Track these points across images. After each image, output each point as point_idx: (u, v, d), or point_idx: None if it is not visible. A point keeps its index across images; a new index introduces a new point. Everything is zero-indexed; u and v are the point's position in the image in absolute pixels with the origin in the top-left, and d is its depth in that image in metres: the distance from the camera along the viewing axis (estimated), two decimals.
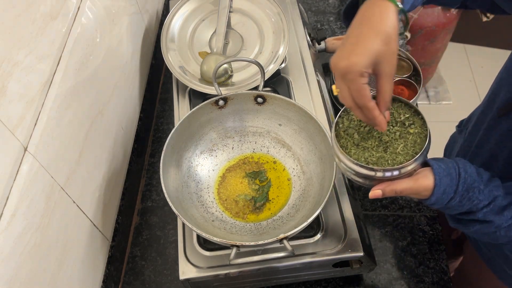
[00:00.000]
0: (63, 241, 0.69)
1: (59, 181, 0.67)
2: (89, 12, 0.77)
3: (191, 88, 0.93)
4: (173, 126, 0.80)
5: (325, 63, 1.11)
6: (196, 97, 0.94)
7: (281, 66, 0.95)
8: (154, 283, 0.87)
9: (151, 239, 0.92)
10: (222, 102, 0.84)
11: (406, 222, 0.91)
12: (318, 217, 0.78)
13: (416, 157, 0.59)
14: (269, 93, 0.84)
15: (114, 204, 0.89)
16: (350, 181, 0.83)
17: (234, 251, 0.67)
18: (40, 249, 0.62)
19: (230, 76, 0.95)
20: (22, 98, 0.59)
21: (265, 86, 0.93)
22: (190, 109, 0.86)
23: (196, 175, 0.85)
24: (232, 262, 0.66)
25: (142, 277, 0.88)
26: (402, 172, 0.60)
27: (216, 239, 0.67)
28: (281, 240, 0.67)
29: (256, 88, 0.85)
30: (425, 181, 0.59)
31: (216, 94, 0.83)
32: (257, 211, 0.81)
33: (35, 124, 0.62)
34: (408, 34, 1.86)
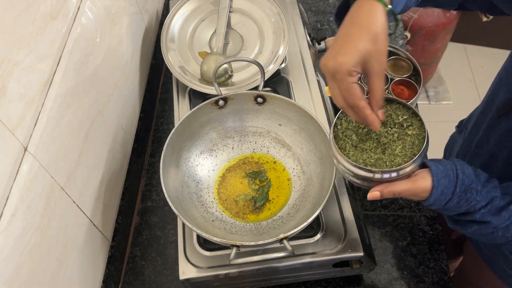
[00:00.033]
0: (63, 241, 0.69)
1: (59, 181, 0.67)
2: (89, 12, 0.77)
3: (191, 88, 0.93)
4: (173, 126, 0.80)
5: None
6: (196, 97, 0.94)
7: (281, 66, 0.95)
8: (154, 283, 0.87)
9: (151, 239, 0.92)
10: (222, 102, 0.84)
11: (406, 222, 0.91)
12: (318, 217, 0.78)
13: (414, 159, 0.59)
14: (269, 93, 0.84)
15: (114, 204, 0.89)
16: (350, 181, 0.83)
17: (234, 251, 0.67)
18: (40, 249, 0.62)
19: (230, 76, 0.95)
20: (22, 98, 0.59)
21: (265, 86, 0.93)
22: (190, 109, 0.86)
23: (196, 175, 0.85)
24: (232, 262, 0.66)
25: (142, 277, 0.88)
26: (400, 174, 0.60)
27: (216, 239, 0.68)
28: (281, 240, 0.67)
29: (256, 88, 0.85)
30: (423, 183, 0.59)
31: (216, 94, 0.83)
32: (257, 211, 0.81)
33: (35, 124, 0.62)
34: (408, 34, 1.86)
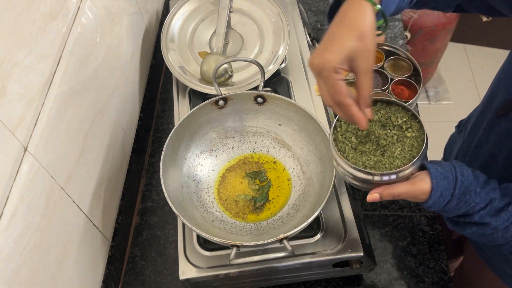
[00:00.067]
0: (63, 241, 0.69)
1: (59, 181, 0.67)
2: (89, 12, 0.77)
3: (191, 88, 0.93)
4: (173, 126, 0.80)
5: None
6: (196, 97, 0.94)
7: (281, 66, 0.95)
8: (154, 283, 0.87)
9: (151, 239, 0.92)
10: (222, 102, 0.84)
11: (406, 222, 0.91)
12: (318, 217, 0.78)
13: (413, 161, 0.59)
14: (269, 93, 0.84)
15: (114, 204, 0.89)
16: None
17: (234, 251, 0.67)
18: (40, 249, 0.62)
19: (230, 76, 0.95)
20: (22, 98, 0.59)
21: (265, 86, 0.93)
22: (190, 109, 0.86)
23: (196, 175, 0.84)
24: (232, 262, 0.66)
25: (142, 277, 0.88)
26: (400, 176, 0.60)
27: (216, 239, 0.68)
28: (281, 240, 0.67)
29: (256, 88, 0.85)
30: (422, 185, 0.59)
31: (216, 94, 0.83)
32: (257, 211, 0.81)
33: (35, 124, 0.62)
34: (408, 34, 1.86)
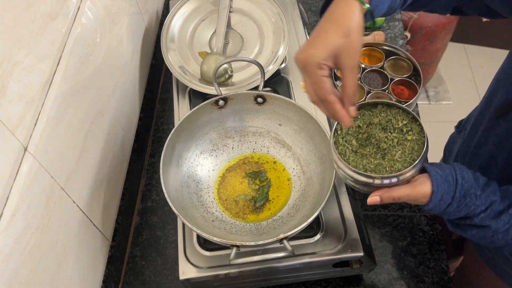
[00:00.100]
0: (63, 241, 0.69)
1: (59, 181, 0.67)
2: (89, 12, 0.77)
3: (191, 88, 0.93)
4: (173, 126, 0.80)
5: None
6: (196, 97, 0.94)
7: (281, 66, 0.95)
8: (154, 283, 0.87)
9: (151, 239, 0.92)
10: (222, 102, 0.84)
11: (406, 222, 0.91)
12: (318, 217, 0.78)
13: (414, 165, 0.59)
14: (269, 93, 0.84)
15: (114, 204, 0.89)
16: None
17: (234, 251, 0.67)
18: (40, 249, 0.62)
19: (230, 76, 0.95)
20: (22, 98, 0.59)
21: (265, 86, 0.93)
22: (190, 109, 0.86)
23: (196, 175, 0.84)
24: (232, 262, 0.66)
25: (142, 277, 0.88)
26: (400, 180, 0.60)
27: (216, 239, 0.68)
28: (281, 240, 0.67)
29: (256, 88, 0.85)
30: (423, 188, 0.59)
31: (216, 94, 0.83)
32: (257, 211, 0.81)
33: (35, 124, 0.62)
34: (408, 34, 1.86)
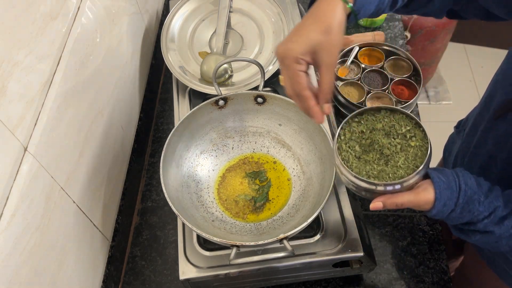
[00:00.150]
0: (63, 241, 0.69)
1: (59, 181, 0.67)
2: (89, 12, 0.77)
3: (191, 88, 0.93)
4: (173, 126, 0.80)
5: None
6: (196, 97, 0.94)
7: None
8: (154, 283, 0.87)
9: (151, 239, 0.92)
10: (222, 102, 0.84)
11: (406, 222, 0.91)
12: (318, 217, 0.78)
13: (417, 171, 0.59)
14: (269, 93, 0.84)
15: (114, 204, 0.89)
16: None
17: (234, 251, 0.67)
18: (40, 249, 0.62)
19: (230, 76, 0.95)
20: (22, 98, 0.59)
21: (265, 86, 0.93)
22: (190, 109, 0.86)
23: (196, 175, 0.84)
24: (232, 262, 0.66)
25: (142, 277, 0.88)
26: (404, 186, 0.60)
27: (216, 239, 0.67)
28: (281, 240, 0.67)
29: (256, 88, 0.85)
30: (426, 195, 0.59)
31: (216, 94, 0.83)
32: (257, 211, 0.81)
33: (35, 124, 0.62)
34: (408, 34, 1.86)
